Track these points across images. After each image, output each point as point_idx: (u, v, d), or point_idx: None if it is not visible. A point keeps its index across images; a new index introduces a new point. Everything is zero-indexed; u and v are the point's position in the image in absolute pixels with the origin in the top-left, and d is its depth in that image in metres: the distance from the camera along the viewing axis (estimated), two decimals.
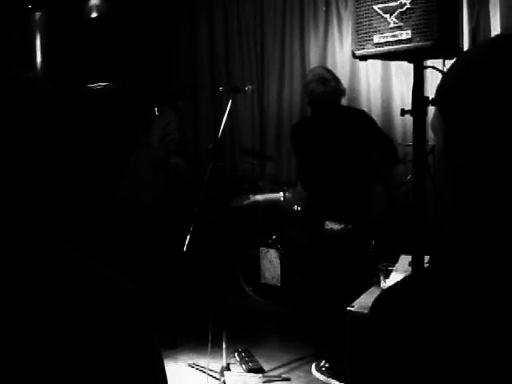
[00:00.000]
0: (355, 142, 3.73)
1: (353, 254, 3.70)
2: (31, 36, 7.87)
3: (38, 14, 7.86)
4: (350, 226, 3.68)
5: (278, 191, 4.90)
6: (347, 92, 5.51)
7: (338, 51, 5.62)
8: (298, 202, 4.02)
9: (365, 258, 3.74)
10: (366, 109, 5.23)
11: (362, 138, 3.75)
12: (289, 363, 3.84)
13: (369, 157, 3.77)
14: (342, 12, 5.58)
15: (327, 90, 3.69)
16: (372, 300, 2.24)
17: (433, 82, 4.98)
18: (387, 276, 2.70)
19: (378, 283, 2.84)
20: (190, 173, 4.76)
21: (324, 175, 3.77)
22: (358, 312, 2.41)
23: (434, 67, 2.40)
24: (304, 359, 3.89)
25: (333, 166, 3.74)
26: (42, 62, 7.92)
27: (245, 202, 4.92)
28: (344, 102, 5.19)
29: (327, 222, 3.71)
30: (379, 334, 0.80)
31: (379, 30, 2.23)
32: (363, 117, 3.94)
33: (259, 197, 4.93)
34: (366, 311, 2.42)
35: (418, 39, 2.13)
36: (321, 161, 3.76)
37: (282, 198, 4.63)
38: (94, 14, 7.32)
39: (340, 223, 3.70)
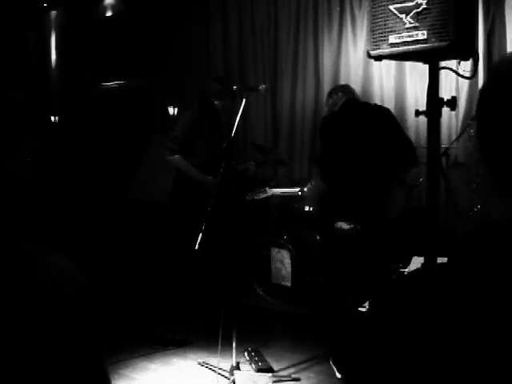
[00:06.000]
0: (378, 141, 3.76)
1: (360, 255, 3.67)
2: (46, 34, 7.93)
3: (53, 13, 7.92)
4: (358, 227, 3.66)
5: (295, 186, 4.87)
6: (360, 93, 5.52)
7: (352, 52, 5.61)
8: (316, 195, 4.00)
9: (373, 259, 3.71)
10: None
11: (385, 137, 3.78)
12: (299, 363, 3.84)
13: (388, 157, 3.76)
14: (356, 13, 5.57)
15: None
16: None
17: (447, 83, 4.96)
18: None
19: None
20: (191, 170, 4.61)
21: (344, 170, 3.77)
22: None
23: (449, 68, 2.38)
24: (314, 360, 3.89)
25: (354, 161, 3.75)
26: (57, 59, 7.97)
27: (261, 196, 4.77)
28: None
29: (337, 222, 3.69)
30: (396, 320, 0.79)
31: (395, 31, 2.22)
32: (388, 116, 3.94)
33: (276, 190, 4.82)
34: None
35: (433, 40, 2.12)
36: (344, 155, 3.77)
37: (300, 193, 4.55)
38: (108, 13, 7.36)
39: (350, 223, 3.68)
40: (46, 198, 6.50)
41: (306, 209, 5.03)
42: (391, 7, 2.22)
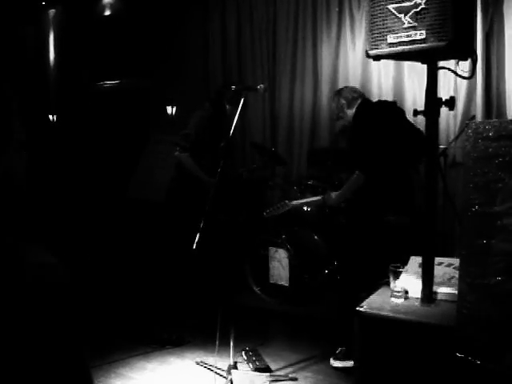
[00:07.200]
0: (403, 133, 3.80)
1: (413, 247, 3.61)
2: (45, 33, 7.92)
3: (51, 11, 7.90)
4: (408, 218, 3.65)
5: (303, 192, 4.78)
6: None
7: (351, 52, 5.61)
8: (342, 200, 3.93)
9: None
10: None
11: (405, 129, 3.84)
12: (296, 363, 3.84)
13: (409, 148, 3.78)
14: (355, 13, 5.57)
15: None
16: (381, 301, 2.23)
17: (445, 82, 4.96)
18: (397, 277, 2.68)
19: (388, 284, 2.83)
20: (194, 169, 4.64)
21: (387, 162, 3.75)
22: (367, 312, 2.40)
23: (447, 68, 2.38)
24: (311, 359, 3.89)
25: (394, 154, 3.73)
26: (55, 58, 7.96)
27: (281, 210, 4.36)
28: None
29: (385, 216, 3.66)
30: None
31: (393, 30, 2.22)
32: (400, 109, 4.09)
33: (297, 202, 4.47)
34: (375, 311, 2.40)
35: (432, 39, 2.12)
36: (385, 148, 3.73)
37: (323, 200, 4.32)
38: (107, 12, 7.35)
39: (399, 215, 3.66)
40: (43, 197, 6.49)
41: (305, 208, 5.02)
42: (390, 7, 2.22)
